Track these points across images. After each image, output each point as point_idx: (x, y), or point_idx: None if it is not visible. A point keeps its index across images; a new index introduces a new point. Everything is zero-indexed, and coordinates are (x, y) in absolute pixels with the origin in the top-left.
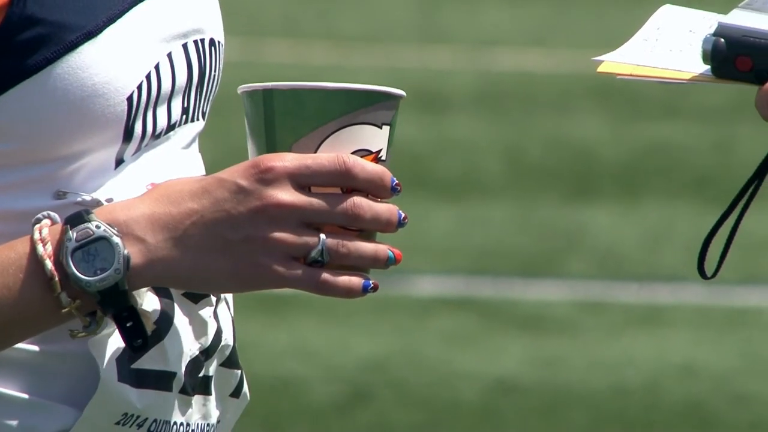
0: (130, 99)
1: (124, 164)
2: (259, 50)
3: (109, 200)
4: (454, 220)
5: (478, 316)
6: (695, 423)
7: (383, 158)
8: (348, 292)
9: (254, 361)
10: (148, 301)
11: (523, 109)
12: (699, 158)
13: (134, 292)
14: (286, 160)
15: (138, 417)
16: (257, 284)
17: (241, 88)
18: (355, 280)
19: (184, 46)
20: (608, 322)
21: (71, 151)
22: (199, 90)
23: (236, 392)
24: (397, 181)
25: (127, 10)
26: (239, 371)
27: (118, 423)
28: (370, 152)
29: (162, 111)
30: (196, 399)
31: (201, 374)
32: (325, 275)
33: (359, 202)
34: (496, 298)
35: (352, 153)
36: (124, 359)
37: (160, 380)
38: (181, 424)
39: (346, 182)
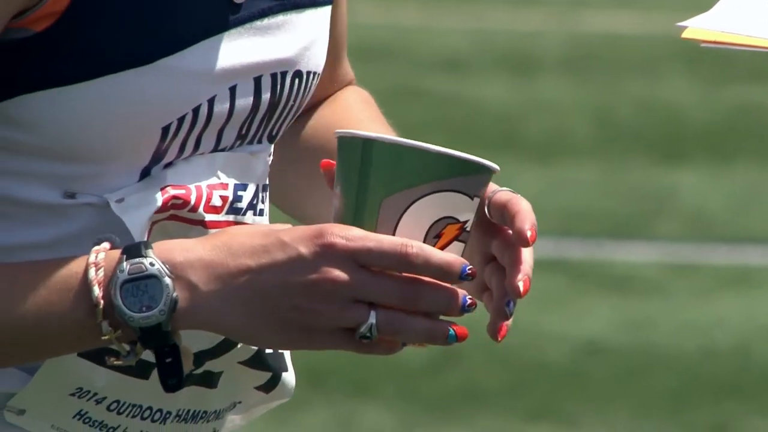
0: (166, 129)
1: (149, 176)
2: (350, 10)
3: (120, 200)
4: (543, 182)
5: (567, 278)
6: None
7: (468, 229)
8: (389, 351)
9: None
10: None
11: (612, 72)
12: None
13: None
14: (348, 239)
15: (96, 394)
16: (302, 347)
17: (338, 133)
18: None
19: (257, 79)
20: (698, 285)
21: (93, 158)
22: (266, 118)
23: (267, 387)
24: (469, 269)
25: (192, 44)
26: (269, 373)
27: (72, 395)
28: (457, 221)
29: (209, 137)
30: (189, 390)
31: (198, 371)
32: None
33: (418, 288)
34: (585, 259)
35: (440, 219)
36: None
37: (134, 367)
38: (157, 410)
39: (408, 270)
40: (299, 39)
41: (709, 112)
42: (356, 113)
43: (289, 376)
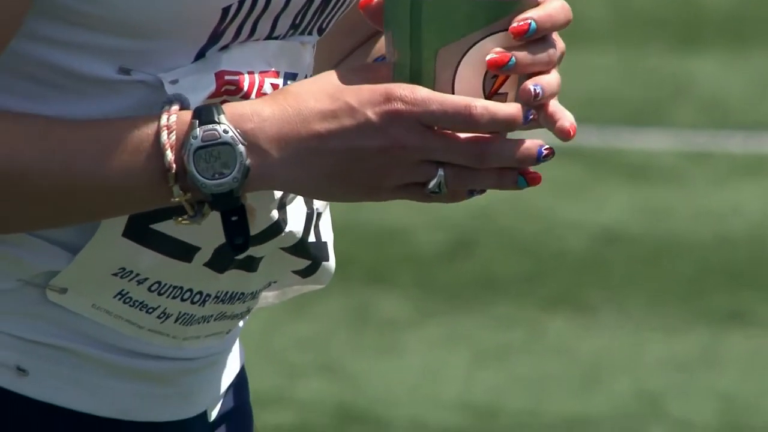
0: (226, 9)
1: (204, 58)
2: None
3: (174, 81)
4: (559, 69)
5: (584, 166)
6: None
7: None
8: (455, 199)
9: (360, 210)
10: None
11: None
12: None
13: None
14: (414, 103)
15: (138, 275)
16: (371, 200)
17: None
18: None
19: None
20: (714, 172)
21: (148, 33)
22: (321, 9)
23: (305, 273)
24: (532, 114)
25: None
26: (309, 261)
27: (115, 274)
28: None
29: (265, 23)
30: (230, 273)
31: (241, 256)
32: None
33: (485, 146)
34: (602, 147)
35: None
36: (143, 216)
37: (179, 250)
38: (197, 292)
39: (475, 130)
40: None
41: None
42: None
43: (329, 265)
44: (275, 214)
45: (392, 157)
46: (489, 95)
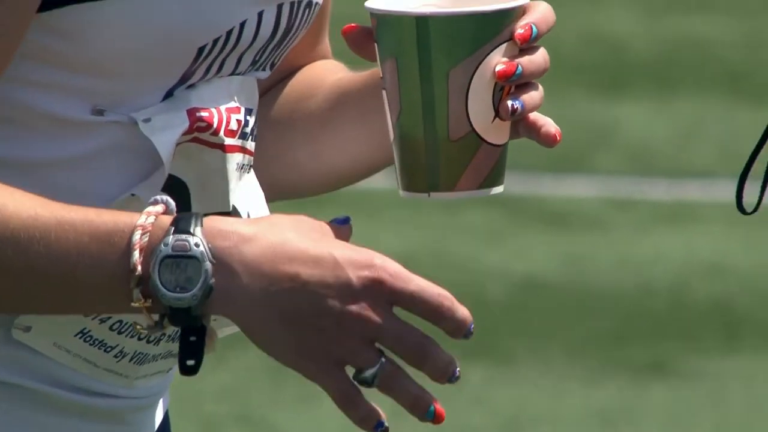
0: (201, 49)
1: (173, 96)
2: None
3: (147, 120)
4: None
5: (506, 213)
6: (723, 321)
7: None
8: (366, 424)
9: None
10: None
11: (554, 2)
12: (732, 53)
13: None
14: (396, 278)
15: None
16: (304, 371)
17: (379, 11)
18: (374, 414)
19: (279, 6)
20: (637, 219)
21: (123, 73)
22: (276, 46)
23: None
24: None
25: None
26: None
27: None
28: None
29: (231, 60)
30: None
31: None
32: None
33: (431, 349)
34: (525, 194)
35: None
36: None
37: None
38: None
39: (433, 321)
40: None
41: (652, 44)
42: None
43: None
44: None
45: (352, 325)
46: (497, 108)
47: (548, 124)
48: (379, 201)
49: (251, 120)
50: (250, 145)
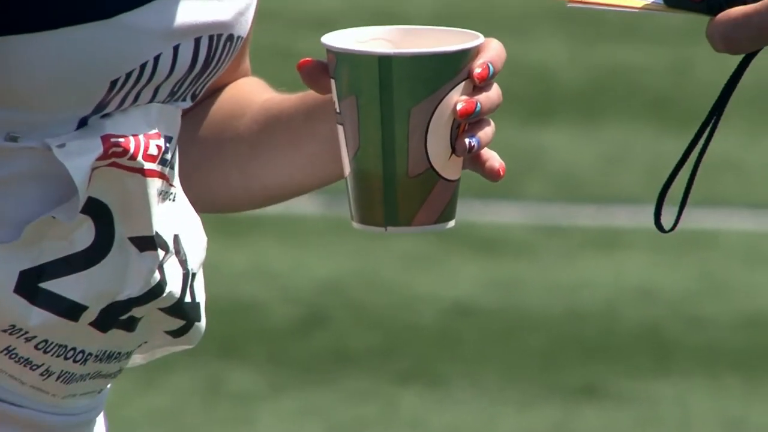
0: (114, 82)
1: (86, 126)
2: None
3: (62, 145)
4: None
5: (436, 239)
6: (652, 346)
7: None
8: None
9: (212, 283)
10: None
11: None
12: (657, 80)
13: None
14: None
15: (27, 332)
16: None
17: (339, 49)
18: None
19: (197, 40)
20: (565, 245)
21: (37, 103)
22: (196, 79)
23: (177, 333)
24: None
25: (149, 1)
26: (183, 321)
27: (4, 331)
28: None
29: (147, 92)
30: (111, 333)
31: (124, 316)
32: None
33: None
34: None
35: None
36: (33, 274)
37: (67, 309)
38: (80, 351)
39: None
40: (237, 4)
41: (579, 72)
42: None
43: (200, 325)
44: (157, 275)
45: None
46: (454, 145)
47: (493, 159)
48: (307, 227)
49: (171, 147)
50: (171, 173)
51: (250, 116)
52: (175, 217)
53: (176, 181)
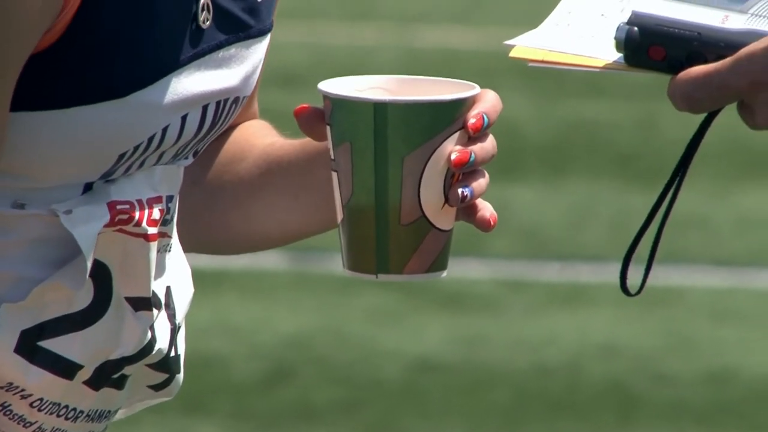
0: (122, 155)
1: (92, 190)
2: None
3: (68, 212)
4: None
5: (401, 294)
6: (617, 402)
7: None
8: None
9: None
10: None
11: None
12: (623, 136)
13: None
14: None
15: (24, 390)
16: None
17: (335, 95)
18: None
19: (205, 107)
20: (531, 301)
21: (45, 176)
22: (201, 139)
23: (160, 387)
24: None
25: (161, 77)
26: (167, 375)
27: (1, 388)
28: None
29: (152, 158)
30: (103, 391)
31: (116, 375)
32: None
33: None
34: None
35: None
36: (33, 333)
37: (63, 368)
38: (73, 408)
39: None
40: (245, 68)
41: (544, 128)
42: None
43: (180, 377)
44: (149, 333)
45: None
46: (447, 195)
47: (484, 209)
48: (272, 281)
49: (173, 206)
50: (171, 228)
51: (252, 160)
52: (168, 268)
53: (174, 231)
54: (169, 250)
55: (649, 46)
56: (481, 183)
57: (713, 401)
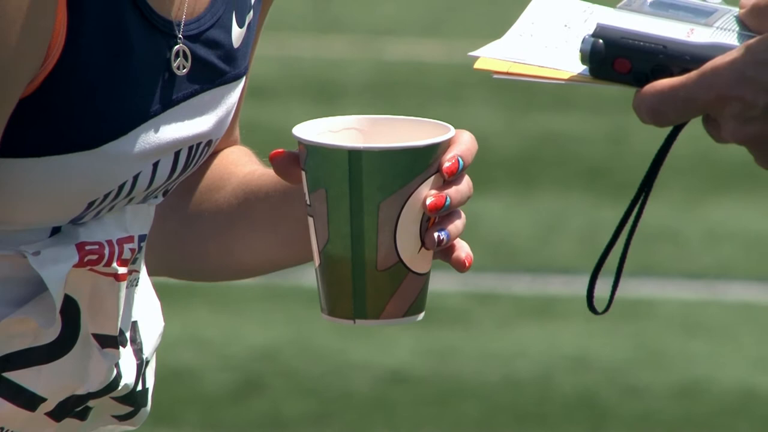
0: (92, 203)
1: (60, 232)
2: None
3: (37, 253)
4: None
5: None
6: (587, 415)
7: None
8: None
9: None
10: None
11: (416, 99)
12: (592, 149)
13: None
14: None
15: None
16: None
17: (309, 142)
18: None
19: (177, 153)
20: (501, 314)
21: (14, 220)
22: (173, 181)
23: (124, 417)
24: None
25: (134, 128)
26: (132, 408)
27: None
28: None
29: (122, 202)
30: (65, 422)
31: (79, 408)
32: None
33: None
34: None
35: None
36: None
37: (26, 400)
38: None
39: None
40: (219, 113)
41: (513, 140)
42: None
43: (147, 410)
44: (114, 370)
45: None
46: (423, 239)
47: (460, 249)
48: (242, 294)
49: (144, 244)
50: (139, 263)
51: (231, 189)
52: (135, 302)
53: (141, 265)
54: (137, 284)
55: (615, 58)
56: (457, 225)
57: (684, 414)
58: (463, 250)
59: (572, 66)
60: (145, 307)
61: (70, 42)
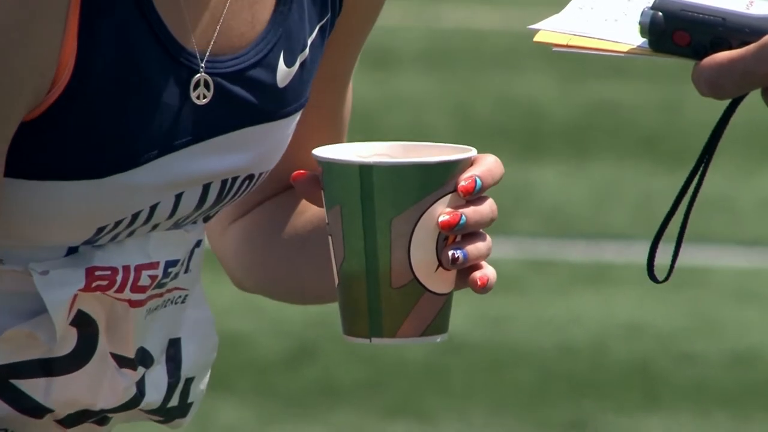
0: (101, 228)
1: (76, 253)
2: None
3: (45, 272)
4: None
5: None
6: (641, 382)
7: None
8: None
9: None
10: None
11: (471, 67)
12: (647, 118)
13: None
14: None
15: None
16: None
17: (323, 158)
18: None
19: (206, 185)
20: (555, 281)
21: (25, 238)
22: (205, 212)
23: (159, 422)
24: None
25: (146, 160)
26: (163, 418)
27: None
28: None
29: (143, 228)
30: (83, 426)
31: (93, 419)
32: None
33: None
34: None
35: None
36: (3, 371)
37: (31, 408)
38: None
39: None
40: (261, 149)
41: (567, 108)
42: None
43: (183, 421)
44: (134, 389)
45: None
46: (439, 257)
47: (479, 271)
48: None
49: (174, 270)
50: (176, 283)
51: (309, 214)
52: (177, 321)
53: (192, 283)
54: (182, 302)
55: (674, 31)
56: (479, 246)
57: (738, 382)
58: (482, 271)
59: (631, 39)
60: (193, 324)
61: (79, 70)
